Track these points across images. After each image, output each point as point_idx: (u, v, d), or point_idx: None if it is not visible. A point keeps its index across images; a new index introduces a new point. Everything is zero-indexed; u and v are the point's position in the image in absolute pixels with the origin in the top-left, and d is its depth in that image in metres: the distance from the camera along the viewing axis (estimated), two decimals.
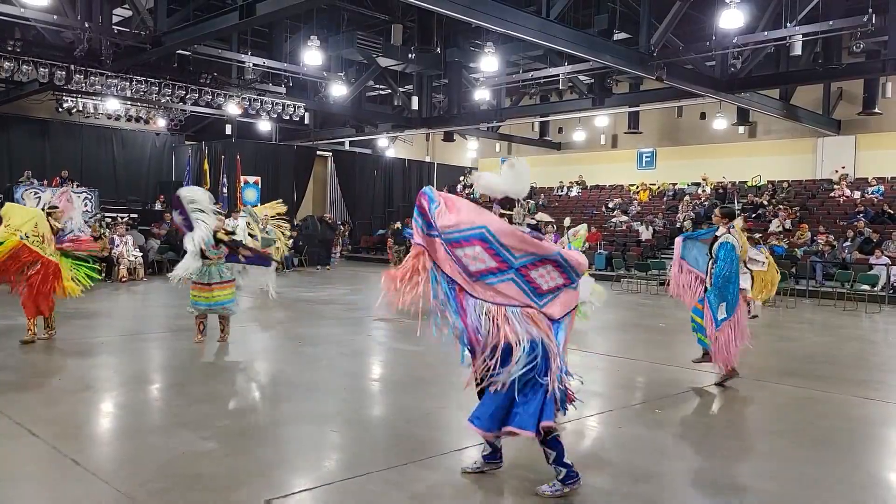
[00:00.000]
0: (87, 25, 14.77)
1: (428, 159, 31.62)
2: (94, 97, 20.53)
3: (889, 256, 15.84)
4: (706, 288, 6.97)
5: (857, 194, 20.10)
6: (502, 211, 4.11)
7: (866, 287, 15.16)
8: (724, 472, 4.69)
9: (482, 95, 22.08)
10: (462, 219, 3.91)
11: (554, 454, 4.06)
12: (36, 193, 19.40)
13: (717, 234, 6.97)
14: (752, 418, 5.96)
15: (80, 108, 21.42)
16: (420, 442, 4.97)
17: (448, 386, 7.03)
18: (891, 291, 15.23)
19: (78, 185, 20.80)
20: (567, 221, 14.78)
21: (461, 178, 30.54)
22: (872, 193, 19.88)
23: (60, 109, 21.48)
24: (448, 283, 3.94)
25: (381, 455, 4.64)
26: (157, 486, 4.02)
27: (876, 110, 19.27)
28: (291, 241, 15.82)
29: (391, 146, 30.24)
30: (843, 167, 21.36)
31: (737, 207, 18.67)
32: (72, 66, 16.34)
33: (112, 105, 21.33)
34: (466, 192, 29.70)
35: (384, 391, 6.73)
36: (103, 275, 16.16)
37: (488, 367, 3.96)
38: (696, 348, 9.36)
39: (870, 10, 12.82)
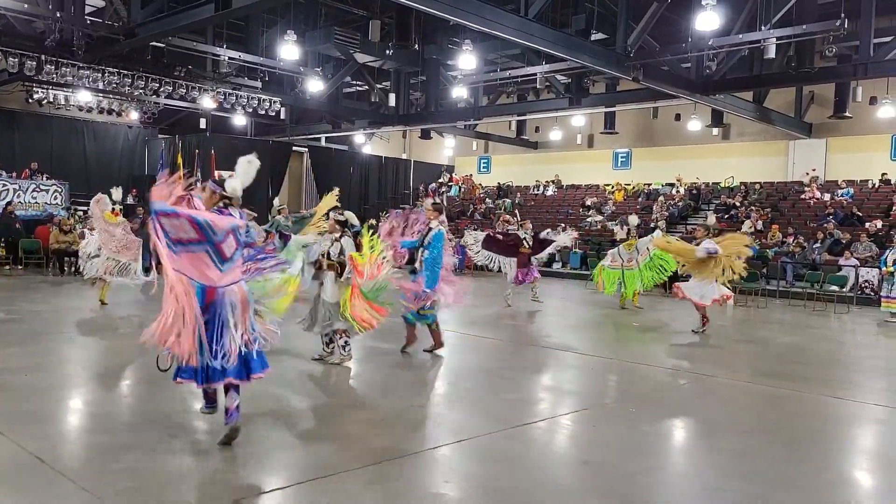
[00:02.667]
0: (58, 15, 14.50)
1: (405, 157, 31.55)
2: (65, 88, 20.16)
3: (857, 258, 16.11)
4: (414, 270, 7.86)
5: (826, 196, 20.42)
6: (225, 198, 4.95)
7: (835, 288, 15.40)
8: (696, 471, 4.72)
9: (460, 93, 22.06)
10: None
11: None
12: (4, 185, 19.06)
13: (431, 226, 7.84)
14: (724, 417, 6.01)
15: (51, 100, 21.01)
16: (394, 440, 4.94)
17: (422, 385, 7.01)
18: (858, 292, 15.48)
19: (48, 178, 20.46)
20: (634, 220, 14.22)
21: (432, 186, 30.52)
22: (842, 196, 20.20)
23: (31, 100, 21.07)
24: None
25: (355, 454, 4.60)
26: (126, 485, 3.94)
27: (846, 114, 19.58)
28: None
29: (368, 143, 30.11)
30: (814, 169, 21.69)
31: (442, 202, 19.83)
32: (42, 57, 16.01)
33: (84, 97, 20.95)
34: (442, 190, 29.73)
35: (358, 389, 6.69)
36: (73, 269, 15.96)
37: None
38: (668, 348, 9.46)
39: (842, 15, 13.01)
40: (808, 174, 21.66)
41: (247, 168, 5.04)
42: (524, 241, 13.03)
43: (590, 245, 20.94)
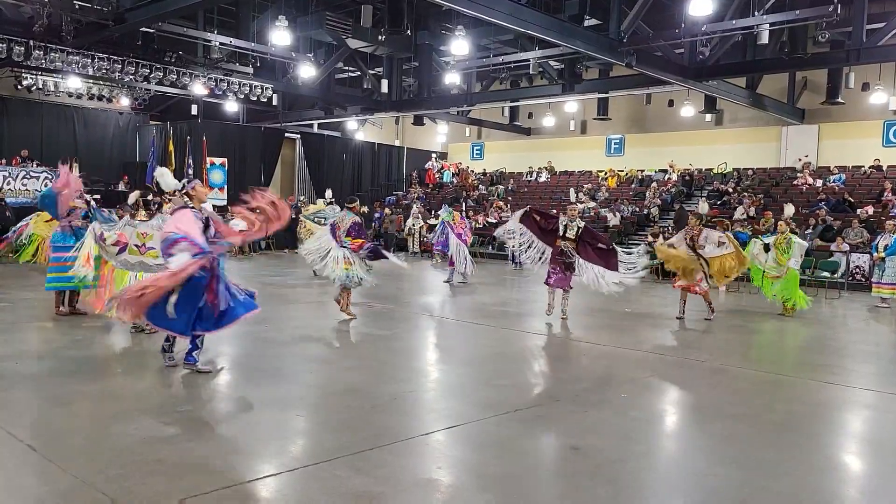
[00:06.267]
0: (46, 0, 14.34)
1: (397, 143, 31.44)
2: (54, 74, 19.98)
3: (849, 244, 16.17)
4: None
5: (819, 182, 20.46)
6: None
7: (826, 274, 15.46)
8: (685, 456, 4.75)
9: (452, 79, 21.95)
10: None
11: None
12: None
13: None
14: (713, 403, 6.05)
15: (41, 86, 20.83)
16: (386, 427, 4.95)
17: (414, 371, 7.03)
18: (850, 278, 15.56)
19: (38, 165, 20.31)
20: (790, 210, 12.37)
21: (432, 158, 30.46)
22: (833, 182, 20.25)
23: (20, 87, 20.88)
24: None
25: (347, 440, 4.61)
26: (117, 472, 3.94)
27: (839, 100, 19.60)
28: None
29: (360, 129, 29.98)
30: (807, 156, 21.72)
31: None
32: (31, 42, 15.85)
33: (73, 83, 20.76)
34: (437, 175, 29.70)
35: (350, 376, 6.69)
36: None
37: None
38: (659, 334, 9.50)
39: (835, 1, 12.98)
40: (800, 160, 21.70)
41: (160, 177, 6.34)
42: (565, 230, 9.66)
43: None
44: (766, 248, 11.39)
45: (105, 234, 7.70)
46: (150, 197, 8.44)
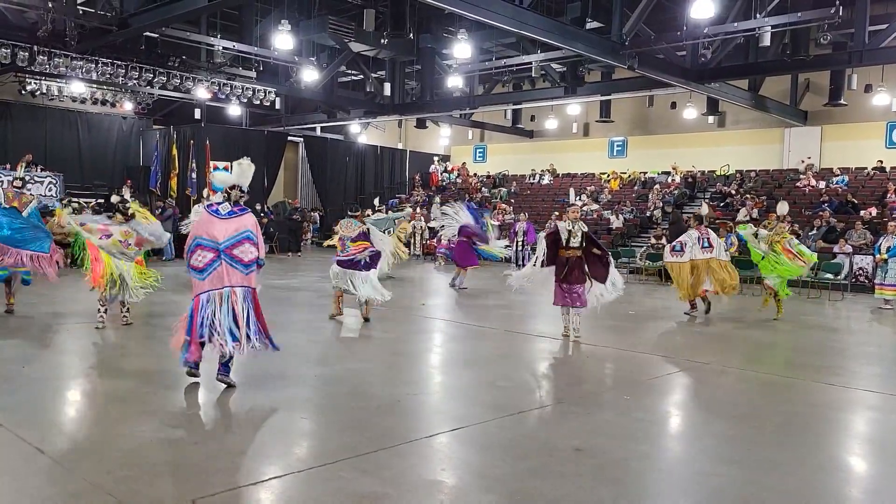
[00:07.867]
0: (50, 5, 14.39)
1: (400, 146, 31.49)
2: (58, 79, 20.06)
3: (852, 245, 16.16)
4: None
5: (822, 184, 20.45)
6: (228, 191, 5.95)
7: (830, 276, 15.45)
8: (689, 457, 4.77)
9: (455, 82, 21.99)
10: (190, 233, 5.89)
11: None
12: None
13: None
14: (716, 404, 6.06)
15: (44, 91, 20.92)
16: (390, 429, 4.98)
17: (418, 373, 7.05)
18: (853, 280, 15.54)
19: (42, 170, 20.38)
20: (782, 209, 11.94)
21: (434, 161, 30.51)
22: (837, 183, 20.23)
23: (24, 92, 20.95)
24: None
25: (352, 442, 4.63)
26: (124, 474, 3.97)
27: (841, 101, 19.60)
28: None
29: (363, 132, 30.03)
30: (809, 157, 21.71)
31: None
32: (35, 47, 15.93)
33: (77, 88, 20.85)
34: (441, 177, 29.74)
35: (354, 378, 6.72)
36: (69, 261, 15.92)
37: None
38: (663, 336, 9.51)
39: (837, 3, 12.99)
40: (803, 162, 21.69)
41: (239, 169, 5.99)
42: (569, 238, 8.48)
43: None
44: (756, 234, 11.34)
45: (87, 223, 8.25)
46: (127, 204, 8.82)
